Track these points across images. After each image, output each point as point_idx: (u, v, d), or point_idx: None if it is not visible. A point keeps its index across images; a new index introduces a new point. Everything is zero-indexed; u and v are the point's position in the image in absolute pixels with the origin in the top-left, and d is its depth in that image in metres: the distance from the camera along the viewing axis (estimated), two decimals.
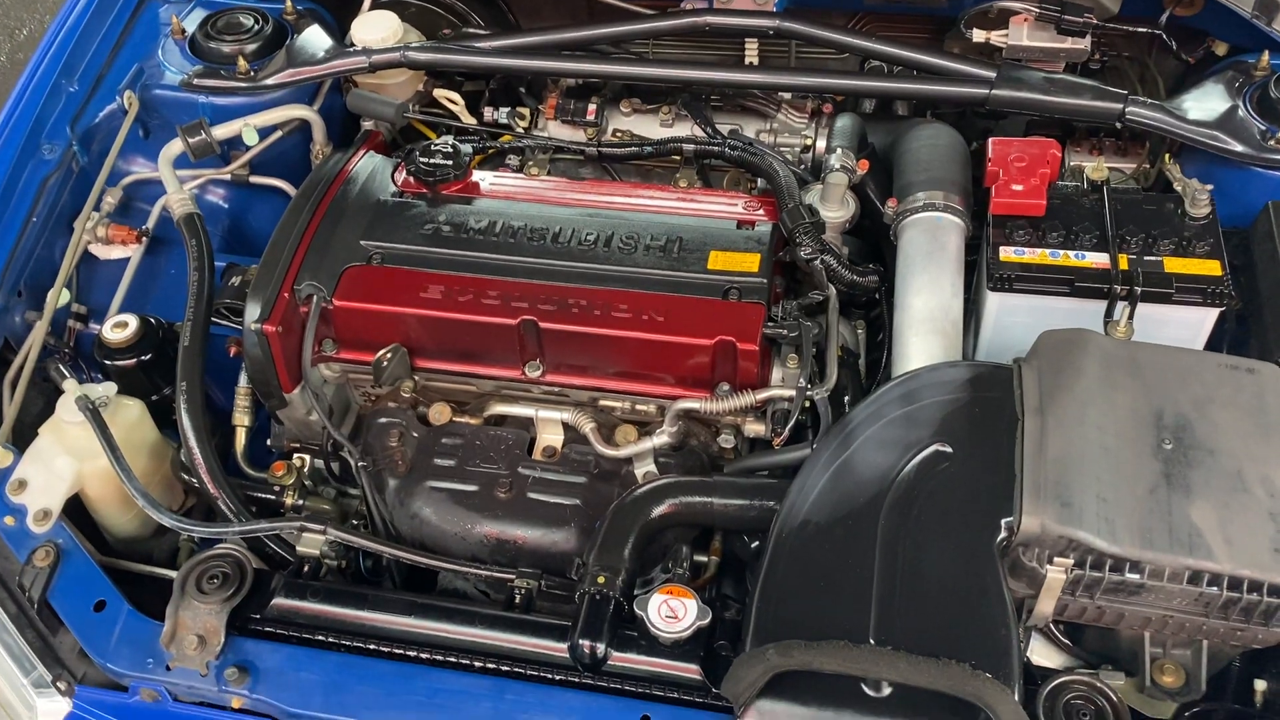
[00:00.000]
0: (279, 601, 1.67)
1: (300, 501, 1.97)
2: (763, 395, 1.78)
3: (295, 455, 2.06)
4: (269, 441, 2.06)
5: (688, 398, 1.83)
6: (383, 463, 1.92)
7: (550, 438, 1.92)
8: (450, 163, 2.05)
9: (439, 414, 1.96)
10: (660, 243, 1.92)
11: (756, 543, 1.81)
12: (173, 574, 1.84)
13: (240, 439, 2.04)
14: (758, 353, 1.79)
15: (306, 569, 1.74)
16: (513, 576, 1.71)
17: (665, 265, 1.89)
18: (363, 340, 1.95)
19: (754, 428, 1.87)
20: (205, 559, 1.69)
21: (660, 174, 2.28)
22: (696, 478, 1.74)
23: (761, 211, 1.98)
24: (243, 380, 2.03)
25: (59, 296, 2.06)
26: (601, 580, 1.60)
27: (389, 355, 1.91)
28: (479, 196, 2.06)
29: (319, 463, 2.08)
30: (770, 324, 1.82)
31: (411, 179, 2.07)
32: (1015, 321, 1.85)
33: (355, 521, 1.99)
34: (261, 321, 1.86)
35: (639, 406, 1.91)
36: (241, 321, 2.00)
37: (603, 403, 1.93)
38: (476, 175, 2.11)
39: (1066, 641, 1.69)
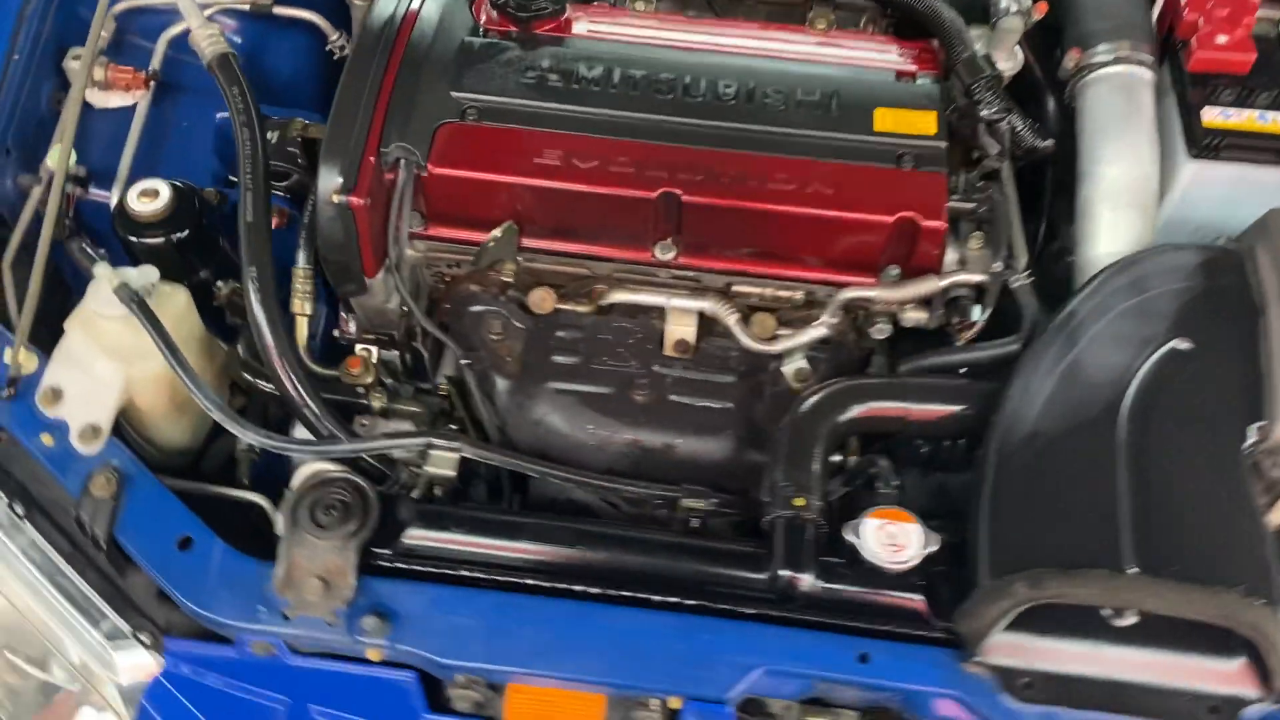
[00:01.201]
0: (414, 533, 1.41)
1: (387, 404, 1.68)
2: (950, 280, 1.56)
3: (359, 347, 1.76)
4: (336, 332, 1.75)
5: (853, 283, 1.60)
6: (488, 360, 1.64)
7: (681, 330, 1.66)
8: None
9: (541, 301, 1.67)
10: (814, 98, 1.63)
11: (926, 448, 1.62)
12: (254, 497, 1.57)
13: (303, 331, 1.72)
14: (944, 232, 1.55)
15: (438, 492, 1.47)
16: (679, 495, 1.48)
17: (824, 125, 1.61)
18: (458, 214, 1.63)
19: (914, 316, 1.64)
20: (315, 485, 1.41)
21: (773, 17, 1.94)
22: (887, 378, 1.52)
23: (921, 62, 1.71)
24: (301, 259, 1.69)
25: (69, 156, 1.66)
26: (800, 502, 1.39)
27: (499, 235, 1.60)
28: (579, 38, 1.72)
29: (386, 355, 1.78)
30: (955, 196, 1.58)
31: (496, 14, 1.71)
32: (1209, 195, 1.65)
33: (454, 427, 1.71)
34: (346, 192, 1.52)
35: (780, 293, 1.67)
36: (280, 187, 1.67)
37: (737, 288, 1.67)
38: (573, 11, 1.76)
39: None
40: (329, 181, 1.53)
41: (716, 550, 1.41)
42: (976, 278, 1.56)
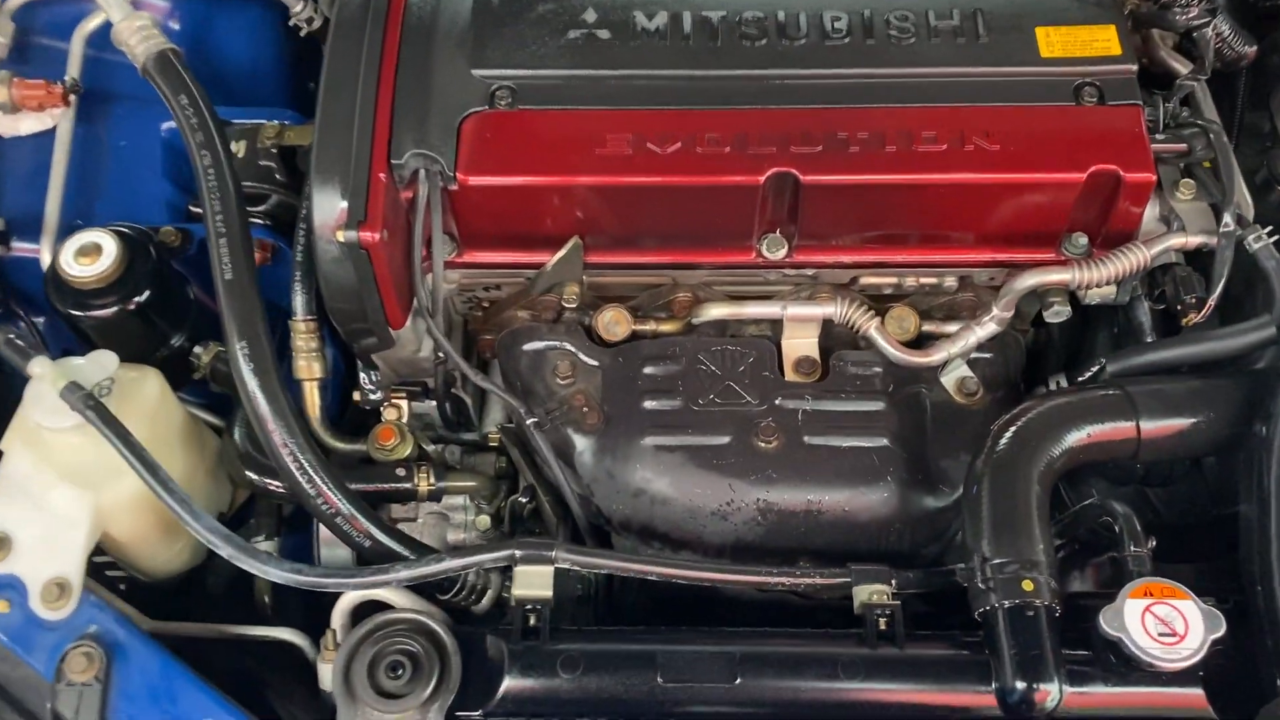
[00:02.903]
0: (513, 683, 1.04)
1: (437, 484, 1.30)
2: (1163, 246, 1.18)
3: (386, 406, 1.38)
4: (356, 396, 1.36)
5: (1030, 263, 1.22)
6: (560, 415, 1.26)
7: (803, 344, 1.29)
8: None
9: (614, 323, 1.30)
10: (952, 21, 1.23)
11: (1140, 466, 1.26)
12: (284, 634, 1.20)
13: (314, 400, 1.33)
14: (1152, 186, 1.17)
15: (532, 620, 1.09)
16: (849, 580, 1.11)
17: (973, 58, 1.22)
18: (501, 233, 1.24)
19: (1102, 291, 1.27)
20: (370, 635, 1.04)
21: None
22: (1109, 390, 1.14)
23: None
24: (299, 308, 1.30)
25: None
26: (1029, 586, 1.03)
27: (561, 256, 1.22)
28: None
29: (420, 407, 1.41)
30: (1157, 136, 1.20)
31: None
32: None
33: (524, 500, 1.34)
34: (355, 226, 1.12)
35: (925, 279, 1.29)
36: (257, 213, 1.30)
37: (866, 280, 1.30)
38: None
39: None
40: (329, 212, 1.14)
41: (921, 661, 1.05)
42: (1198, 240, 1.19)
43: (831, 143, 1.17)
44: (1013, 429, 1.12)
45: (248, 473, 1.25)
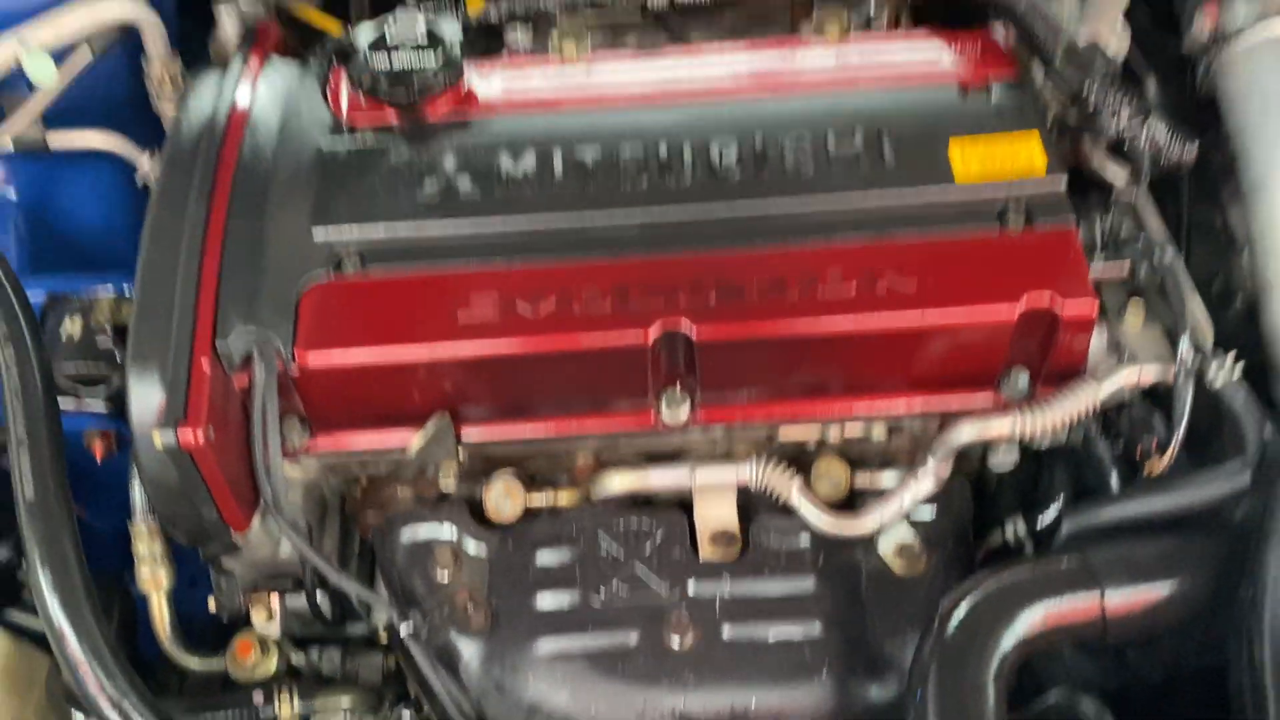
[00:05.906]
0: None
1: (303, 707, 1.12)
2: (1116, 383, 1.03)
3: (254, 604, 1.20)
4: (213, 605, 1.18)
5: (965, 412, 1.07)
6: (440, 617, 1.09)
7: (720, 515, 1.12)
8: (433, 58, 1.14)
9: (503, 501, 1.13)
10: (854, 143, 1.10)
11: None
12: None
13: (163, 613, 1.16)
14: (1095, 315, 1.02)
15: None
16: None
17: (879, 182, 1.07)
18: (356, 415, 1.08)
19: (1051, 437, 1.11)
20: None
21: (739, 31, 1.40)
22: (1064, 559, 0.98)
23: (989, 61, 1.17)
24: (138, 510, 1.14)
25: None
26: None
27: (425, 437, 1.05)
28: (490, 113, 1.17)
29: (295, 603, 1.22)
30: (1095, 257, 1.06)
31: (364, 97, 1.16)
32: None
33: (407, 712, 1.15)
34: (174, 425, 0.96)
35: (851, 434, 1.13)
36: (98, 399, 1.15)
37: (787, 432, 1.14)
38: (474, 74, 1.20)
39: None
40: (145, 407, 0.98)
41: None
42: (1153, 374, 1.04)
43: (726, 291, 1.03)
44: (958, 616, 0.94)
45: (73, 708, 1.07)
